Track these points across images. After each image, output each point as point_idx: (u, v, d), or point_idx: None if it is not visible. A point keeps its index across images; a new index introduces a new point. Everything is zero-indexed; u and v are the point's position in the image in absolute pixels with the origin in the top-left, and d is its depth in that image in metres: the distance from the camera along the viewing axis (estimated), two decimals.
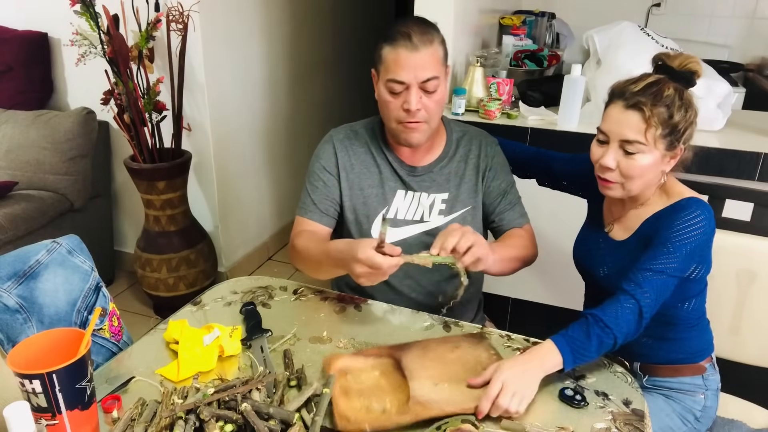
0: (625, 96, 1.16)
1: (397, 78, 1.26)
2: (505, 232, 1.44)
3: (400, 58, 1.25)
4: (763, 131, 1.98)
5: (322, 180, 1.41)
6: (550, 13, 3.01)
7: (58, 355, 0.86)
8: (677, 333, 1.29)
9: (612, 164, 1.18)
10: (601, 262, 1.31)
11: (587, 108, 2.02)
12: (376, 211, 1.40)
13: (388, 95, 1.29)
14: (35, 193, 2.45)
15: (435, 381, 1.04)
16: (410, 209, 1.41)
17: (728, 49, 3.19)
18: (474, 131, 1.48)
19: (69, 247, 1.20)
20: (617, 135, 1.17)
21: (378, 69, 1.31)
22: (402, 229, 1.40)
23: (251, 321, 1.22)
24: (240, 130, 2.83)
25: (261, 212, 3.13)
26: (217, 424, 0.88)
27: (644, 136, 1.14)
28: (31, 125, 2.50)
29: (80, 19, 2.21)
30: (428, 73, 1.25)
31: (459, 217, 1.41)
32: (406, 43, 1.24)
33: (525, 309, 2.25)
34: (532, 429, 0.96)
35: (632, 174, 1.17)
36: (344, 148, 1.42)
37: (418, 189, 1.41)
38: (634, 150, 1.15)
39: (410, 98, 1.26)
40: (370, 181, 1.41)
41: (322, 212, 1.40)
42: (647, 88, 1.15)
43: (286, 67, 3.12)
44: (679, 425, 1.30)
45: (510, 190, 1.45)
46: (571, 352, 1.06)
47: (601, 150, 1.21)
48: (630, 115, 1.14)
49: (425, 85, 1.26)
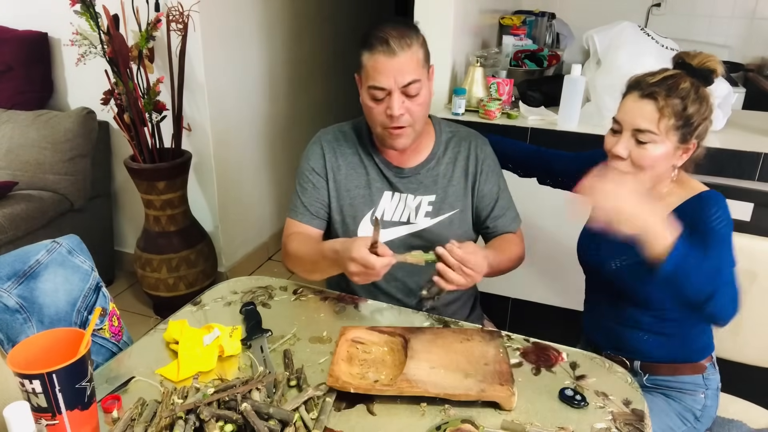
0: (641, 86, 1.17)
1: (377, 84, 1.25)
2: (497, 236, 1.44)
3: (379, 64, 1.23)
4: (763, 131, 1.97)
5: (311, 182, 1.41)
6: (550, 13, 3.01)
7: (58, 355, 0.86)
8: (678, 329, 1.30)
9: (624, 153, 1.18)
10: (611, 256, 1.31)
11: (587, 108, 2.02)
12: (363, 213, 1.40)
13: (371, 101, 1.28)
14: (35, 193, 2.45)
15: (433, 365, 1.06)
16: (396, 211, 1.40)
17: (728, 49, 3.19)
18: (464, 132, 1.47)
19: (69, 247, 1.20)
20: (630, 124, 1.17)
21: (360, 75, 1.31)
22: (388, 231, 1.40)
23: (251, 321, 1.22)
24: (240, 130, 2.83)
25: (261, 212, 3.13)
26: (217, 424, 0.88)
27: (657, 125, 1.15)
28: (31, 125, 2.50)
29: (80, 19, 2.21)
30: (408, 77, 1.24)
31: (446, 220, 1.41)
32: (384, 48, 1.22)
33: (525, 309, 2.25)
34: (532, 429, 0.96)
35: (643, 164, 1.17)
36: (332, 149, 1.42)
37: (404, 191, 1.40)
38: (646, 139, 1.16)
39: (393, 104, 1.25)
40: (357, 182, 1.41)
41: (313, 215, 1.40)
42: (664, 80, 1.16)
43: (286, 67, 3.12)
44: (679, 425, 1.30)
45: (502, 194, 1.44)
46: (682, 248, 1.03)
47: (614, 139, 1.21)
48: (644, 104, 1.15)
49: (407, 89, 1.25)
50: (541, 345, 1.18)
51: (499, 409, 1.00)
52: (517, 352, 1.16)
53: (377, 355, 1.12)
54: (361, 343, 1.14)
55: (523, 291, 2.23)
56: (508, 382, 1.02)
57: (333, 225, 1.43)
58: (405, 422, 0.97)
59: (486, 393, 1.00)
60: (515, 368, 1.11)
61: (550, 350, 1.16)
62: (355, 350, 1.12)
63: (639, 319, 1.31)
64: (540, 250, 2.03)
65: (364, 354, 1.11)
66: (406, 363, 1.05)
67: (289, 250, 1.37)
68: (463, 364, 1.07)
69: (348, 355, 1.09)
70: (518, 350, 1.16)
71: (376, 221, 1.14)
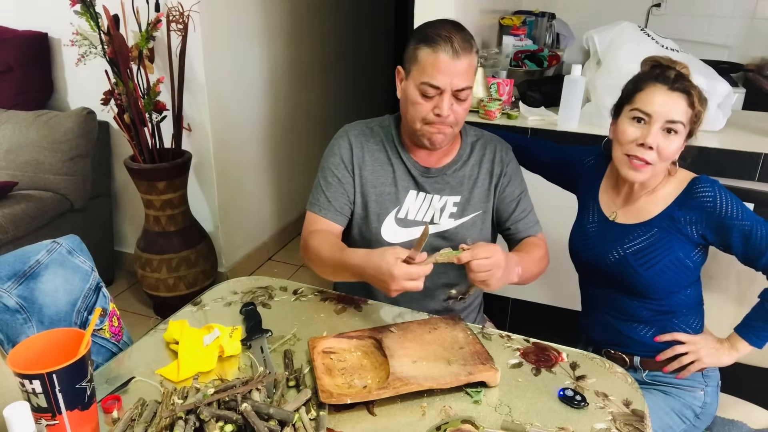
0: (667, 80, 1.21)
1: (433, 82, 1.23)
2: (521, 240, 1.43)
3: (440, 63, 1.22)
4: (763, 131, 1.97)
5: (337, 176, 1.38)
6: (550, 14, 3.01)
7: (58, 355, 0.86)
8: (676, 319, 1.32)
9: (654, 143, 1.21)
10: (609, 248, 1.32)
11: (587, 108, 2.02)
12: (387, 210, 1.39)
13: (420, 97, 1.27)
14: (35, 193, 2.45)
15: (413, 359, 1.07)
16: (421, 210, 1.40)
17: (728, 49, 3.19)
18: (489, 136, 1.47)
19: (69, 247, 1.20)
20: (664, 115, 1.20)
21: (409, 68, 1.28)
22: (411, 230, 1.39)
23: (251, 321, 1.22)
24: (240, 130, 2.83)
25: (261, 212, 3.13)
26: (217, 425, 0.88)
27: (686, 118, 1.21)
28: (31, 125, 2.50)
29: (80, 19, 2.22)
30: (464, 82, 1.24)
31: (469, 221, 1.40)
32: (448, 48, 1.21)
33: (525, 309, 2.25)
34: (532, 429, 0.96)
35: (667, 155, 1.22)
36: (359, 144, 1.40)
37: (430, 191, 1.40)
38: (678, 130, 1.21)
39: (443, 104, 1.25)
40: (383, 179, 1.39)
41: (337, 210, 1.38)
42: (681, 77, 1.22)
43: (286, 67, 3.12)
44: (678, 423, 1.31)
45: (523, 197, 1.44)
46: (755, 337, 1.25)
47: (639, 130, 1.23)
48: (676, 97, 1.20)
49: (458, 93, 1.25)
50: (541, 345, 1.18)
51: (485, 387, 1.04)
52: (517, 353, 1.16)
53: (353, 362, 1.10)
54: (333, 352, 1.12)
55: (523, 291, 2.23)
56: (488, 360, 1.07)
57: (354, 220, 1.41)
58: (405, 422, 0.97)
59: (474, 375, 1.03)
60: (515, 368, 1.11)
61: (550, 351, 1.16)
62: (330, 361, 1.10)
63: (637, 312, 1.33)
64: None
65: (340, 363, 1.09)
66: (390, 362, 1.05)
67: (311, 249, 1.33)
68: (441, 352, 1.10)
69: (325, 367, 1.06)
70: (518, 351, 1.16)
71: (425, 229, 1.09)
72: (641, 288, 1.29)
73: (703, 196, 1.23)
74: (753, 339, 1.25)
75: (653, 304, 1.31)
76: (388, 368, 1.04)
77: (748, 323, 1.26)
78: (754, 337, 1.25)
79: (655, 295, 1.30)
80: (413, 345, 1.11)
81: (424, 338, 1.14)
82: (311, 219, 1.39)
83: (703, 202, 1.22)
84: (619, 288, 1.33)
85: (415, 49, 1.26)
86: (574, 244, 1.42)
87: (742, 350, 1.27)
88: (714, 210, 1.21)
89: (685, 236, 1.25)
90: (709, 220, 1.22)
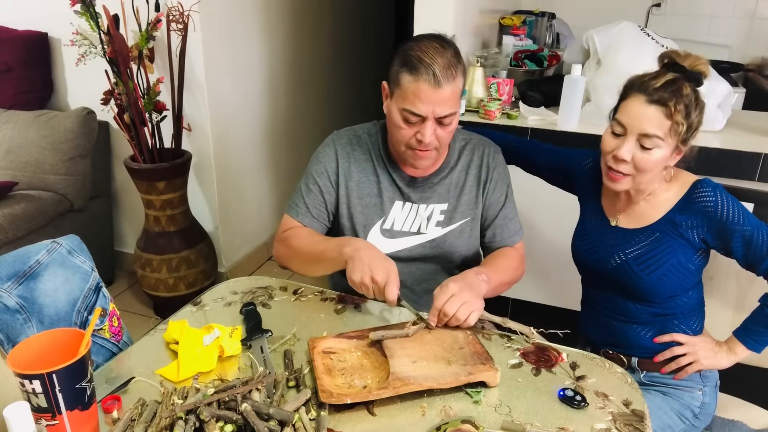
0: (647, 91, 1.17)
1: (414, 111, 1.22)
2: (496, 249, 1.43)
3: (421, 93, 1.20)
4: (763, 131, 1.98)
5: (318, 185, 1.39)
6: (550, 13, 3.01)
7: (58, 355, 0.86)
8: (675, 321, 1.32)
9: (628, 156, 1.19)
10: (612, 253, 1.32)
11: (587, 108, 2.02)
12: (372, 221, 1.39)
13: (402, 122, 1.26)
14: (35, 193, 2.45)
15: (413, 359, 1.07)
16: (407, 221, 1.40)
17: (728, 49, 3.19)
18: (477, 139, 1.46)
19: (69, 247, 1.20)
20: (637, 128, 1.18)
21: (393, 89, 1.27)
22: (398, 241, 1.39)
23: (251, 321, 1.22)
24: (240, 130, 2.83)
25: (261, 212, 3.13)
26: (217, 425, 0.88)
27: (663, 131, 1.16)
28: (31, 125, 2.50)
29: (80, 19, 2.21)
30: (447, 109, 1.23)
31: (457, 229, 1.40)
32: (429, 77, 1.19)
33: (525, 309, 2.25)
34: (532, 429, 0.96)
35: (645, 167, 1.19)
36: (346, 154, 1.40)
37: (416, 200, 1.39)
38: (652, 145, 1.17)
39: (425, 131, 1.24)
40: (369, 190, 1.39)
41: (314, 217, 1.39)
42: (668, 85, 1.17)
43: (286, 68, 3.12)
44: (677, 423, 1.31)
45: (507, 204, 1.43)
46: (754, 341, 1.24)
47: (615, 142, 1.22)
48: (652, 110, 1.16)
49: (442, 120, 1.24)
50: (541, 345, 1.18)
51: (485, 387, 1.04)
52: (517, 353, 1.16)
53: (353, 362, 1.10)
54: (333, 352, 1.12)
55: (522, 291, 2.23)
56: (488, 360, 1.06)
57: (342, 231, 1.42)
58: (405, 422, 0.97)
59: (474, 375, 1.03)
60: (515, 368, 1.11)
61: (549, 351, 1.16)
62: (330, 361, 1.09)
63: (637, 315, 1.32)
64: (540, 250, 2.03)
65: (340, 363, 1.09)
66: (390, 362, 1.05)
67: (288, 240, 1.36)
68: (440, 352, 1.10)
69: (325, 367, 1.07)
70: (518, 351, 1.16)
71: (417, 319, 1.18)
72: (643, 292, 1.29)
73: (704, 201, 1.21)
74: (751, 343, 1.25)
75: (654, 307, 1.31)
76: (388, 368, 1.04)
77: (747, 327, 1.26)
78: (752, 342, 1.25)
79: (657, 299, 1.29)
80: (413, 345, 1.11)
81: (424, 338, 1.14)
82: (287, 221, 1.42)
83: (704, 207, 1.21)
84: (621, 291, 1.33)
85: (398, 72, 1.24)
86: (576, 247, 1.42)
87: (740, 354, 1.26)
88: (715, 215, 1.20)
89: (687, 241, 1.24)
90: (710, 224, 1.21)
